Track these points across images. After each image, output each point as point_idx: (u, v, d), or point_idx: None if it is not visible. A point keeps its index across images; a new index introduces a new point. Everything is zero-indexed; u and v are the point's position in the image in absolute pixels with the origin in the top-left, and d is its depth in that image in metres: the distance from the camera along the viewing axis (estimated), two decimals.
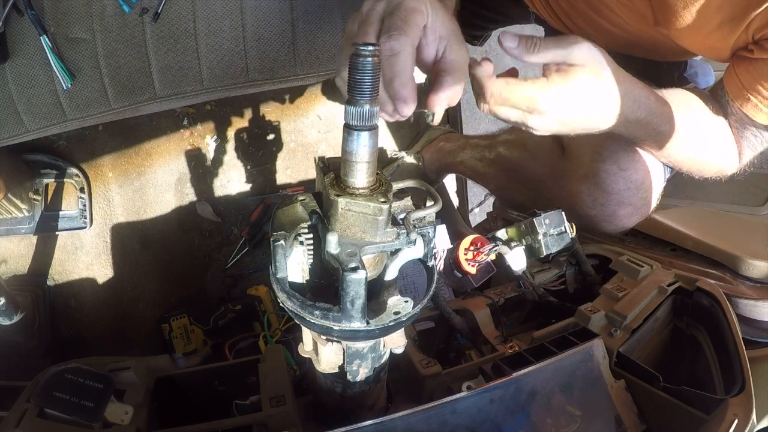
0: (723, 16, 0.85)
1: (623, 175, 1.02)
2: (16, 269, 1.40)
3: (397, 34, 0.60)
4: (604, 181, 1.03)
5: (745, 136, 0.97)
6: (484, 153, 1.39)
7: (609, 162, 1.03)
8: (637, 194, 1.04)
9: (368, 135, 0.51)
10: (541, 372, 0.71)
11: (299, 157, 1.65)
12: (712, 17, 0.87)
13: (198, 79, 0.98)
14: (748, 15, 0.82)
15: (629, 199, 1.04)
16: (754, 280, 1.02)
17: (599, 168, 1.03)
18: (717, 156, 0.99)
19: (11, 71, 0.86)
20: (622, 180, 1.03)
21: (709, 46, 0.95)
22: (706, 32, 0.90)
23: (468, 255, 0.93)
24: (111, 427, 0.62)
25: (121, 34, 0.90)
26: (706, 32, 0.90)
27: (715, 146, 0.98)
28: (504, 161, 1.30)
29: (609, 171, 1.03)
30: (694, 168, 1.01)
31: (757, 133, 0.96)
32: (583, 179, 1.06)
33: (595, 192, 1.05)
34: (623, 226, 1.08)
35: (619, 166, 1.02)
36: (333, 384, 0.65)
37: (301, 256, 0.57)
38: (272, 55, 1.01)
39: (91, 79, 0.92)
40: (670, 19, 0.92)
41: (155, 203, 1.50)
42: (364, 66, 0.50)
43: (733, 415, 0.66)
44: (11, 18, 0.83)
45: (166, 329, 1.37)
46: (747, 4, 0.81)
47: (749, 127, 0.95)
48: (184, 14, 0.92)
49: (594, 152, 1.05)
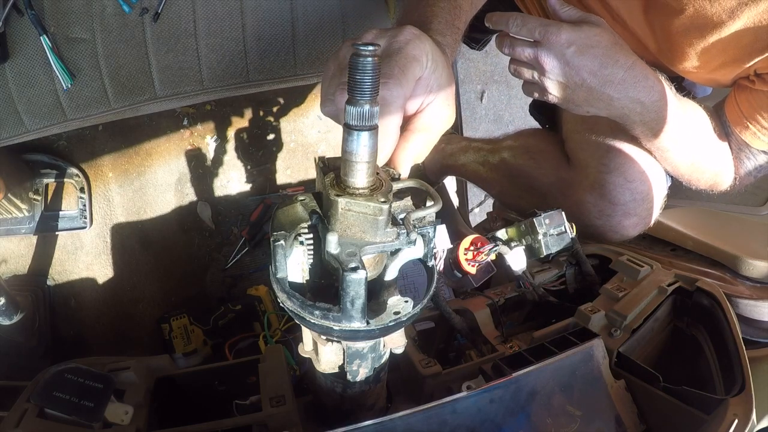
0: (726, 58, 0.88)
1: (629, 186, 1.03)
2: (16, 269, 1.40)
3: (393, 83, 0.57)
4: (610, 192, 1.04)
5: (740, 157, 1.00)
6: (487, 158, 1.38)
7: (615, 174, 1.03)
8: (642, 205, 1.04)
9: (368, 135, 0.51)
10: (541, 372, 0.71)
11: (299, 157, 1.65)
12: (716, 57, 0.89)
13: (198, 79, 0.98)
14: (752, 59, 0.85)
15: (635, 210, 1.05)
16: (754, 280, 1.02)
17: (606, 179, 1.04)
18: (716, 166, 1.00)
19: (11, 71, 0.86)
20: (628, 192, 1.03)
21: (711, 79, 0.98)
22: (708, 69, 0.93)
23: (468, 255, 0.93)
24: (111, 427, 0.62)
25: (121, 34, 0.90)
26: (708, 69, 0.93)
27: (716, 156, 0.99)
28: (508, 167, 1.30)
29: (615, 183, 1.03)
30: (693, 175, 1.02)
31: (752, 156, 0.99)
32: (589, 190, 1.06)
33: (601, 203, 1.05)
34: (628, 236, 1.09)
35: (625, 177, 1.03)
36: (333, 384, 0.65)
37: (301, 256, 0.57)
38: (272, 55, 1.01)
39: (91, 79, 0.92)
40: (673, 55, 0.94)
41: (155, 203, 1.50)
42: (364, 66, 0.50)
43: (733, 415, 0.66)
44: (11, 18, 0.83)
45: (166, 329, 1.37)
46: (751, 50, 0.84)
47: (745, 150, 0.98)
48: (184, 14, 0.92)
49: (600, 163, 1.05)
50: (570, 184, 1.11)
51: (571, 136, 1.16)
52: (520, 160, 1.27)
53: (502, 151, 1.33)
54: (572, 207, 1.10)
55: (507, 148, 1.32)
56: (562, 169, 1.15)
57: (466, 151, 1.49)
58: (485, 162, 1.39)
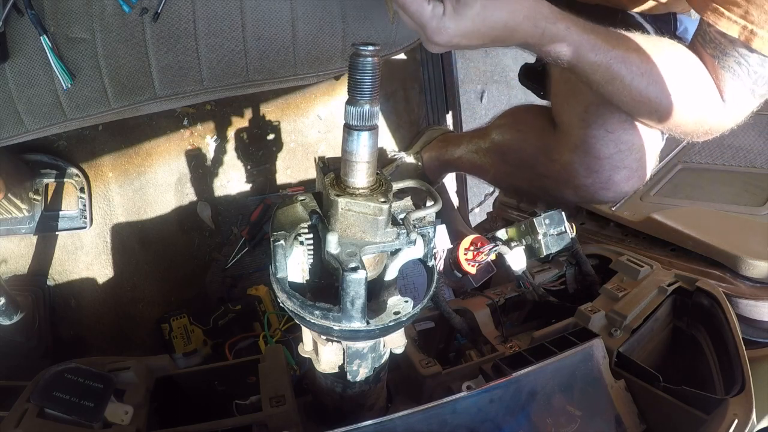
0: None
1: (612, 137, 1.00)
2: (16, 269, 1.40)
3: None
4: (593, 146, 1.01)
5: (726, 65, 0.83)
6: (479, 144, 1.39)
7: (595, 127, 1.01)
8: (630, 156, 1.01)
9: (368, 135, 0.51)
10: (541, 372, 0.71)
11: (299, 157, 1.65)
12: None
13: (198, 79, 0.98)
14: None
15: (623, 162, 1.02)
16: (754, 280, 1.02)
17: (587, 134, 1.01)
18: (694, 99, 0.87)
19: (11, 71, 0.86)
20: (611, 143, 1.00)
21: None
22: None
23: (468, 255, 0.93)
24: (111, 427, 0.62)
25: (121, 34, 0.90)
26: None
27: (692, 89, 0.86)
28: (498, 147, 1.31)
29: (597, 136, 1.01)
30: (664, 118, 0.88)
31: (741, 59, 0.81)
32: (573, 149, 1.05)
33: (587, 160, 1.03)
34: (622, 191, 1.06)
35: (606, 129, 1.00)
36: (333, 384, 0.65)
37: (301, 256, 0.57)
38: (272, 55, 1.01)
39: (91, 79, 0.91)
40: None
41: (155, 203, 1.50)
42: (364, 66, 0.50)
43: (733, 415, 0.66)
44: (11, 18, 0.82)
45: (166, 329, 1.37)
46: None
47: (730, 53, 0.81)
48: (184, 14, 0.92)
49: (580, 120, 1.03)
50: (555, 148, 1.10)
51: (555, 99, 1.15)
52: (507, 136, 1.27)
53: (491, 133, 1.34)
54: (560, 171, 1.09)
55: (494, 129, 1.33)
56: (548, 135, 1.14)
57: (460, 143, 1.51)
58: (478, 149, 1.40)
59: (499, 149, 1.30)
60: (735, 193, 1.24)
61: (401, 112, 1.79)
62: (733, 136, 1.44)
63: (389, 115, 1.77)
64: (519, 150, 1.22)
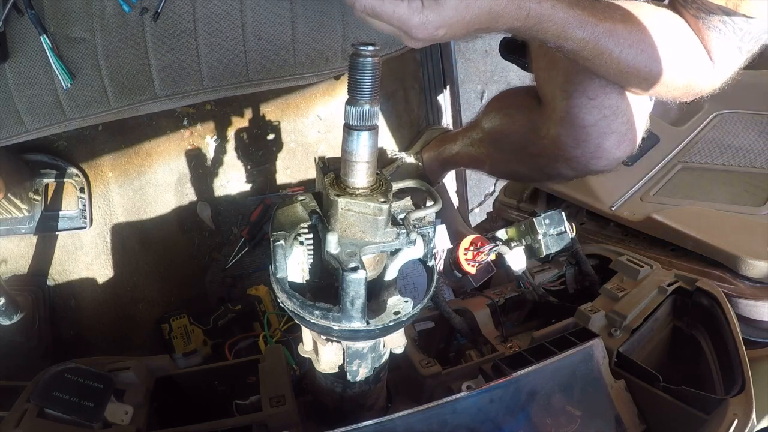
0: None
1: (594, 104, 0.98)
2: (16, 269, 1.40)
3: None
4: (577, 116, 1.00)
5: (712, 25, 0.83)
6: (473, 136, 1.40)
7: (576, 95, 0.99)
8: (617, 120, 0.99)
9: (368, 135, 0.51)
10: (541, 372, 0.71)
11: (299, 157, 1.65)
12: None
13: (198, 78, 0.98)
14: None
15: (609, 128, 1.00)
16: (754, 280, 1.02)
17: (570, 105, 1.00)
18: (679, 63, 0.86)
19: (11, 71, 0.86)
20: (595, 110, 0.98)
21: None
22: None
23: (468, 255, 0.93)
24: (111, 427, 0.62)
25: (121, 34, 0.90)
26: None
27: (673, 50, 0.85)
28: (490, 135, 1.31)
29: (579, 104, 0.99)
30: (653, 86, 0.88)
31: (726, 19, 0.81)
32: (559, 122, 1.03)
33: (573, 130, 1.02)
34: (614, 157, 1.04)
35: (587, 96, 0.98)
36: (333, 384, 0.65)
37: (301, 256, 0.57)
38: (272, 55, 1.01)
39: (91, 78, 0.91)
40: None
41: (155, 203, 1.50)
42: (364, 66, 0.50)
43: (733, 415, 0.66)
44: (11, 18, 0.82)
45: (166, 329, 1.37)
46: None
47: (714, 14, 0.81)
48: (184, 14, 0.92)
49: (562, 91, 1.01)
50: (542, 124, 1.08)
51: (537, 73, 1.13)
52: (496, 121, 1.27)
53: (482, 122, 1.34)
54: (550, 146, 1.07)
55: (484, 117, 1.33)
56: (534, 113, 1.12)
57: (456, 139, 1.51)
58: (473, 141, 1.40)
59: (491, 137, 1.30)
60: (735, 193, 1.24)
61: (401, 112, 1.79)
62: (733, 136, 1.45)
63: (389, 115, 1.77)
64: (509, 133, 1.21)
